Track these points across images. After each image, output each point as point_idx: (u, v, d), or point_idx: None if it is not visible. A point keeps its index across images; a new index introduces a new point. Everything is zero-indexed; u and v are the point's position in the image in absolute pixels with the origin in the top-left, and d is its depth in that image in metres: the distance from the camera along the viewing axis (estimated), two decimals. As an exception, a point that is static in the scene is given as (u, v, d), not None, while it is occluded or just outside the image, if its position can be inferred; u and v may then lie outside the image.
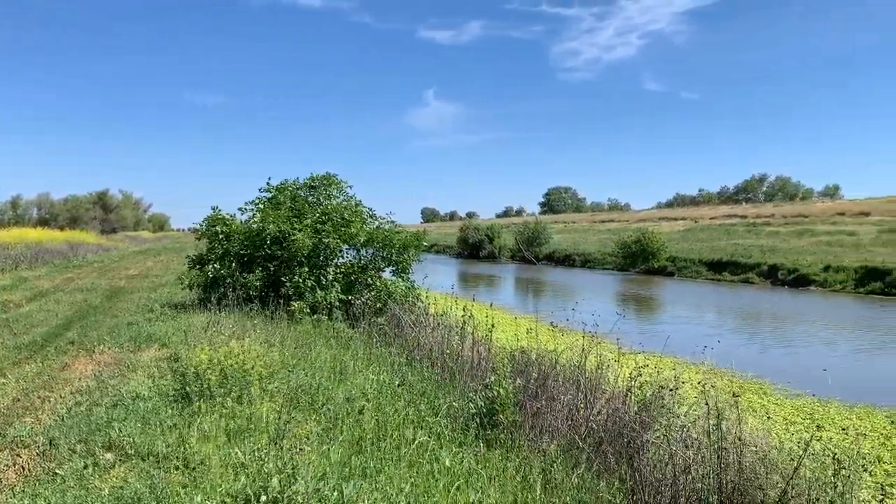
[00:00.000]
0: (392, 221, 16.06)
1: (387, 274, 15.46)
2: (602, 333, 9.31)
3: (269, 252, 14.46)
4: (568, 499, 5.05)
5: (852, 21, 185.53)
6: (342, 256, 15.33)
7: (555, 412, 7.23)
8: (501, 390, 6.72)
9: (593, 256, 56.64)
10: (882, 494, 5.40)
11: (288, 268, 14.12)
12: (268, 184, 16.53)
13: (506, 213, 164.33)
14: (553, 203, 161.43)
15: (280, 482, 4.17)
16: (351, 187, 16.49)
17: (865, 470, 8.57)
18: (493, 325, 10.68)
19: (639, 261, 48.66)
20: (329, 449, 5.42)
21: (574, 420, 6.97)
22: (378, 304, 14.12)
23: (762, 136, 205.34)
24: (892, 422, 11.03)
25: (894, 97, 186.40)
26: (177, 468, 5.12)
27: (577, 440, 6.37)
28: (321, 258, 14.43)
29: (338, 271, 14.60)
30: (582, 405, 7.27)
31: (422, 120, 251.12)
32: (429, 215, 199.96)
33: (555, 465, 5.57)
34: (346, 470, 4.92)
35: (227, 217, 15.79)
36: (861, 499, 5.48)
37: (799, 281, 37.46)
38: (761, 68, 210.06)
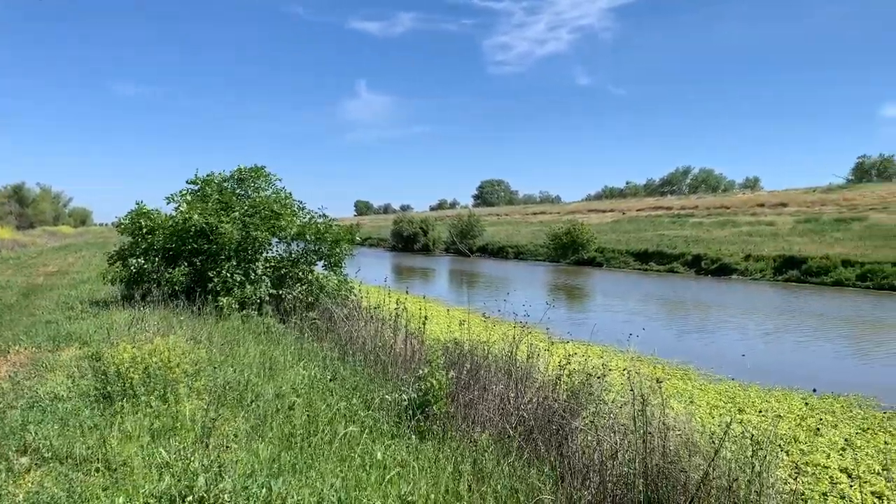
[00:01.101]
0: (323, 215, 15.88)
1: (319, 268, 15.28)
2: (533, 323, 9.46)
3: (195, 246, 14.08)
4: (498, 487, 5.11)
5: (772, 18, 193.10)
6: (272, 250, 15.07)
7: (487, 402, 7.31)
8: (434, 382, 6.74)
9: (526, 248, 57.43)
10: (797, 472, 5.65)
11: (215, 262, 13.78)
12: (196, 175, 16.10)
13: (440, 206, 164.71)
14: (486, 196, 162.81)
15: (206, 481, 4.09)
16: (280, 180, 16.21)
17: (783, 450, 8.98)
18: (426, 318, 10.70)
19: (569, 252, 49.62)
20: (258, 446, 5.33)
21: (505, 409, 7.06)
22: (310, 299, 13.96)
23: (687, 130, 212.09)
24: (807, 403, 11.57)
25: (809, 93, 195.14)
26: (97, 470, 4.94)
27: (508, 429, 6.44)
28: (250, 252, 14.14)
29: (267, 265, 14.34)
30: (513, 394, 7.36)
31: (354, 112, 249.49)
32: (362, 208, 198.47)
33: (486, 454, 5.63)
34: (276, 466, 4.86)
35: (152, 211, 15.29)
36: (778, 477, 5.71)
37: (721, 270, 38.90)
38: (687, 64, 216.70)
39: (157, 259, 14.16)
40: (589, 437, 6.17)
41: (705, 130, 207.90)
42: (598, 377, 7.12)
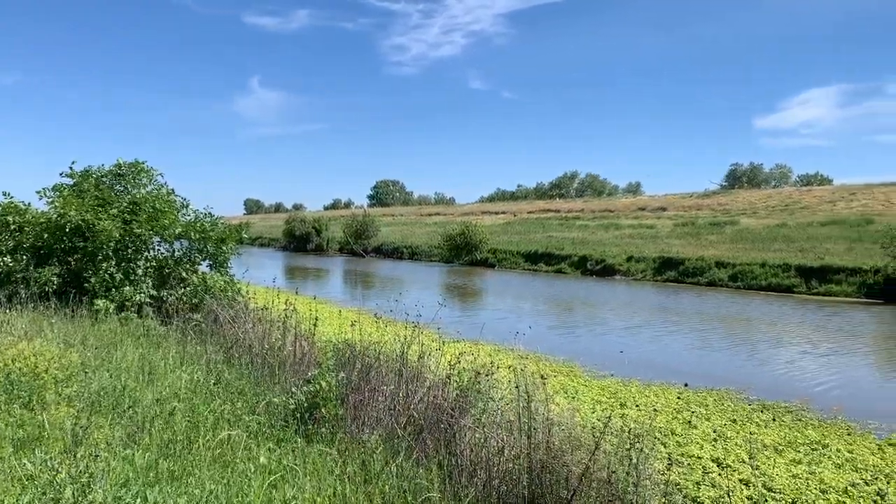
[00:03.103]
0: (209, 213, 15.32)
1: (204, 268, 14.73)
2: (425, 323, 9.48)
3: (70, 244, 13.25)
4: (386, 488, 5.09)
5: (659, 30, 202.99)
6: (153, 249, 14.38)
7: (377, 403, 7.26)
8: (324, 384, 6.64)
9: (420, 249, 57.69)
10: (670, 462, 5.94)
11: (92, 262, 13.01)
12: (71, 169, 15.15)
13: (334, 206, 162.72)
14: (381, 196, 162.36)
15: (74, 492, 3.84)
16: (162, 175, 15.50)
17: (660, 442, 9.45)
18: (316, 319, 10.54)
19: (463, 253, 50.28)
20: (134, 454, 5.07)
21: (395, 410, 7.04)
22: (194, 300, 13.42)
23: (575, 136, 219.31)
24: (679, 397, 12.23)
25: (689, 103, 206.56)
26: (-50, 487, 4.54)
27: (398, 429, 6.44)
28: (130, 251, 13.44)
29: (149, 265, 13.67)
30: (404, 394, 7.35)
31: (246, 108, 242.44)
32: (252, 207, 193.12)
33: (375, 455, 5.60)
34: (153, 475, 4.63)
35: (21, 205, 14.27)
36: (655, 469, 5.99)
37: (606, 271, 40.53)
38: (576, 71, 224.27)
39: (25, 258, 13.22)
40: (477, 435, 6.25)
41: (592, 136, 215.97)
42: (487, 375, 7.23)
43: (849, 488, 7.87)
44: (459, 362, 7.68)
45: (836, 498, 7.56)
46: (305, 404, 6.62)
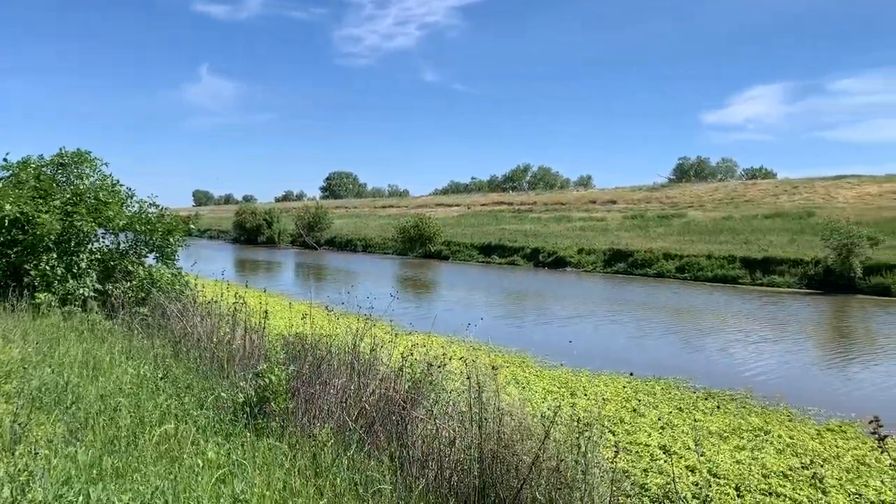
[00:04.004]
0: (155, 204, 14.96)
1: (151, 260, 14.40)
2: (378, 316, 9.45)
3: (8, 237, 12.80)
4: (338, 480, 5.07)
5: (611, 26, 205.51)
6: (98, 242, 13.99)
7: (329, 396, 7.22)
8: (273, 378, 6.57)
9: (374, 241, 57.50)
10: (616, 450, 6.06)
11: (33, 254, 12.60)
12: (5, 160, 14.62)
13: (286, 198, 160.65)
14: (334, 188, 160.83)
15: (12, 491, 3.73)
16: (107, 165, 15.07)
17: (609, 431, 9.62)
18: (267, 312, 10.42)
19: (416, 245, 50.28)
20: (76, 451, 4.93)
21: (347, 402, 7.01)
22: (141, 294, 13.12)
23: (526, 129, 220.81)
24: (625, 386, 12.47)
25: (640, 97, 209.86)
26: None
27: (349, 422, 6.41)
28: (73, 244, 13.05)
29: (93, 258, 13.30)
30: (355, 387, 7.32)
31: (195, 97, 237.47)
32: (202, 198, 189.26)
33: (325, 448, 5.57)
34: (96, 472, 4.52)
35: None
36: (603, 456, 6.09)
37: (557, 263, 41.03)
38: (528, 65, 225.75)
39: (-40, 251, 12.74)
40: (429, 426, 6.27)
41: (544, 129, 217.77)
42: (440, 367, 7.25)
43: (788, 472, 8.14)
44: (412, 354, 7.68)
45: (777, 482, 7.81)
46: (255, 398, 6.54)
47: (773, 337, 18.66)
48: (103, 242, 14.16)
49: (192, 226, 15.12)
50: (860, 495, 7.47)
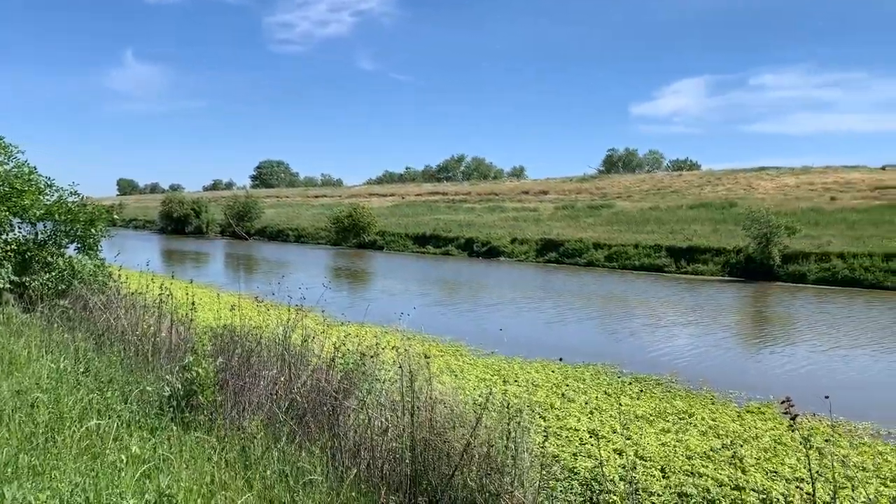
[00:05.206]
0: (76, 192, 14.37)
1: (72, 251, 13.85)
2: (310, 306, 9.36)
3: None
4: (268, 472, 5.02)
5: (546, 16, 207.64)
6: (14, 232, 13.35)
7: (259, 388, 7.12)
8: (200, 370, 6.43)
9: (307, 231, 56.81)
10: (546, 435, 6.18)
11: (-59, 246, 11.94)
12: None
13: (214, 187, 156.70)
14: (265, 177, 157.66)
15: (-81, 494, 3.54)
16: (23, 152, 14.37)
17: (540, 416, 9.79)
18: (194, 304, 10.18)
19: (351, 235, 49.90)
20: (-11, 450, 4.72)
21: (278, 394, 6.93)
22: (61, 286, 12.60)
23: (461, 119, 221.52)
24: (555, 372, 12.73)
25: (571, 89, 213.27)
26: None
27: (280, 414, 6.34)
28: (-15, 234, 12.43)
29: (8, 249, 12.69)
30: (286, 379, 7.24)
31: (119, 83, 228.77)
32: (126, 187, 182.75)
33: (255, 440, 5.50)
34: (11, 470, 4.33)
35: None
36: (534, 441, 6.19)
37: (491, 252, 41.43)
38: (464, 55, 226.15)
39: None
40: (361, 416, 6.26)
41: (478, 120, 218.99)
42: (372, 356, 7.24)
43: (710, 453, 8.47)
44: (345, 345, 7.65)
45: (700, 462, 8.12)
46: (182, 391, 6.39)
47: (697, 323, 19.35)
48: (19, 233, 13.53)
49: (115, 215, 14.62)
50: (776, 473, 7.85)
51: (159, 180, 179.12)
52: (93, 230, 13.80)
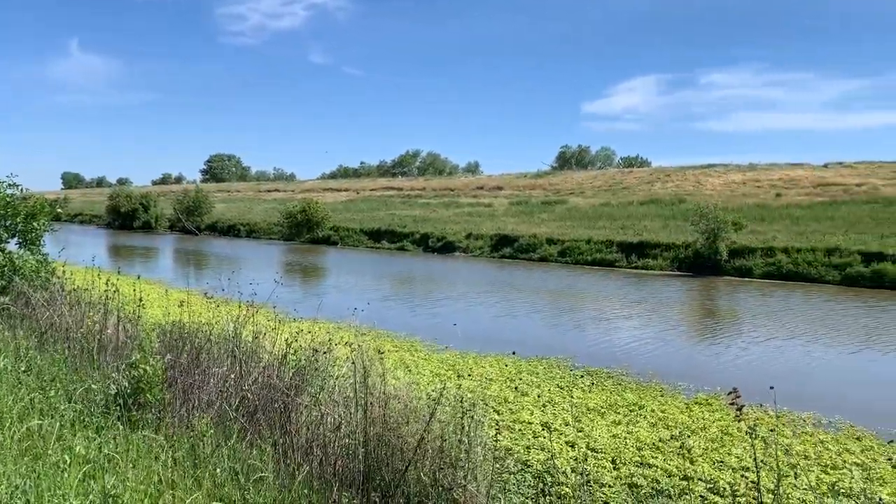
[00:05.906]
0: (15, 184, 13.89)
1: (12, 246, 13.39)
2: (261, 303, 9.24)
3: None
4: (217, 471, 4.94)
5: (501, 14, 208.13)
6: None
7: (208, 386, 7.01)
8: (147, 368, 6.29)
9: (259, 226, 56.09)
10: (497, 429, 6.23)
11: None
12: None
13: (163, 181, 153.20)
14: (216, 171, 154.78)
15: None
16: (-40, 145, 13.85)
17: (494, 410, 9.86)
18: (141, 300, 9.96)
19: (304, 230, 49.40)
20: (-77, 453, 4.54)
21: (228, 392, 6.83)
22: (1, 282, 12.20)
23: (415, 114, 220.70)
24: (509, 366, 12.84)
25: (526, 86, 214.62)
26: None
27: (230, 412, 6.25)
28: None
29: (-56, 244, 12.22)
30: (237, 376, 7.14)
31: (63, 73, 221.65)
32: (71, 181, 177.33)
33: (205, 438, 5.41)
34: (-54, 474, 4.18)
35: None
36: (487, 435, 6.23)
37: (446, 248, 41.50)
38: (418, 51, 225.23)
39: None
40: (314, 413, 6.21)
41: (433, 115, 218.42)
42: (325, 352, 7.19)
43: (660, 444, 8.65)
44: (297, 341, 7.57)
45: (650, 453, 8.28)
46: (129, 390, 6.25)
47: (646, 316, 19.72)
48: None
49: (59, 209, 14.18)
50: (723, 462, 8.05)
51: (106, 174, 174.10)
52: (35, 224, 13.38)
